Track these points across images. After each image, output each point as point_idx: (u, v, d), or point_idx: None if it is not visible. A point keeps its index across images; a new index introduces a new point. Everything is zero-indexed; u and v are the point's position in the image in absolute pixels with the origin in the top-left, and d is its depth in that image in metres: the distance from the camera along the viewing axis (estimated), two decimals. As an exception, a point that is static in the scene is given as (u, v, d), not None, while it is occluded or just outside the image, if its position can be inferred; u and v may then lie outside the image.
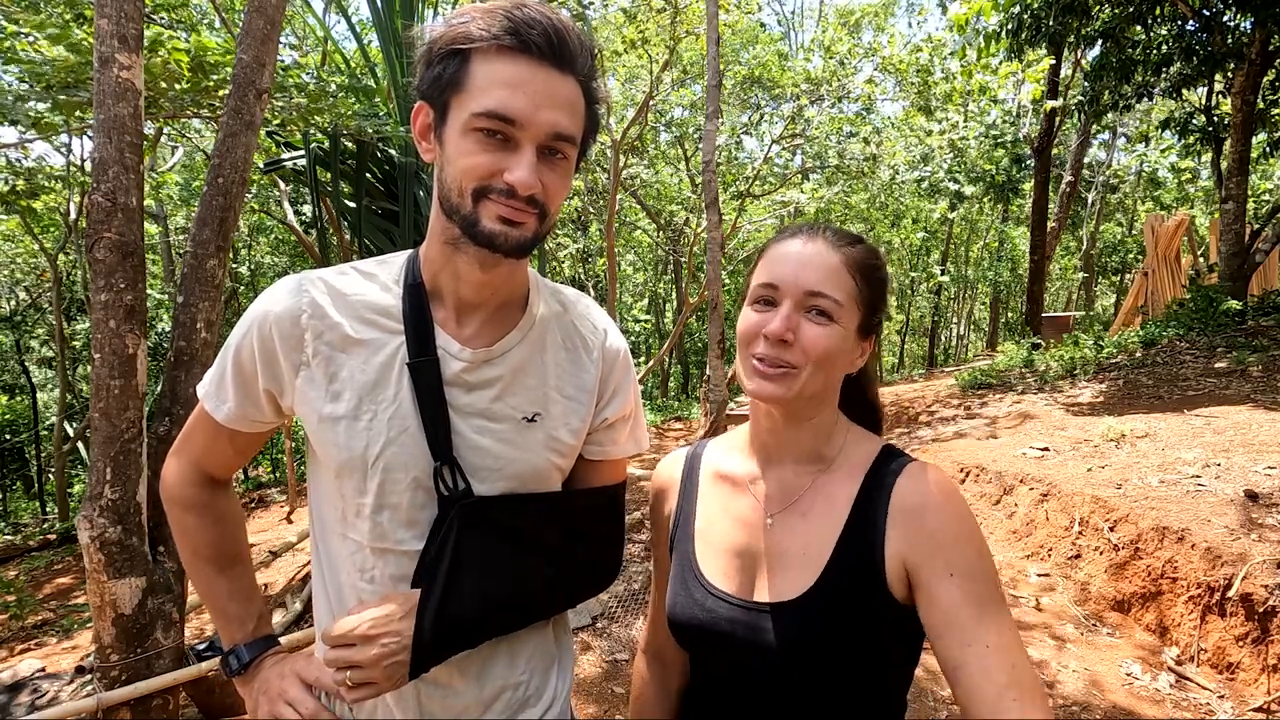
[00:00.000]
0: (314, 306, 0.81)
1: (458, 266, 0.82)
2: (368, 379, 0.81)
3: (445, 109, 0.76)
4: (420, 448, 0.81)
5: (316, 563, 0.90)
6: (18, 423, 14.02)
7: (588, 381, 0.92)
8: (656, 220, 15.06)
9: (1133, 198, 21.75)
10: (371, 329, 0.82)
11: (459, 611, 0.80)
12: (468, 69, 0.73)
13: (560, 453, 0.89)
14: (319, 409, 0.81)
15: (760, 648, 0.78)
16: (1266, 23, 6.41)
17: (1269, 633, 2.48)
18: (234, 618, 0.93)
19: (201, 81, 3.28)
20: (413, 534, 0.82)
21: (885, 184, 13.09)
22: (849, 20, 14.96)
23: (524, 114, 0.72)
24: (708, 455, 0.97)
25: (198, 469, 0.93)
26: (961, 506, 0.75)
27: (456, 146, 0.75)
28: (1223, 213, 7.40)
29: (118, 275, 1.95)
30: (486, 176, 0.74)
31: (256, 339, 0.82)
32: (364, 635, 0.76)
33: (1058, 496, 3.82)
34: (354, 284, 0.84)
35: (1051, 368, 7.71)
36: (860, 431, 0.88)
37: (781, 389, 0.79)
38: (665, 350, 14.54)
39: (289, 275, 0.86)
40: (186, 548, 0.95)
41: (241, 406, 0.86)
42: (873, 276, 0.82)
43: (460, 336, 0.84)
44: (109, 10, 1.92)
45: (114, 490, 1.95)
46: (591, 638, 3.23)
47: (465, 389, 0.83)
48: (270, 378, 0.83)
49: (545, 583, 0.88)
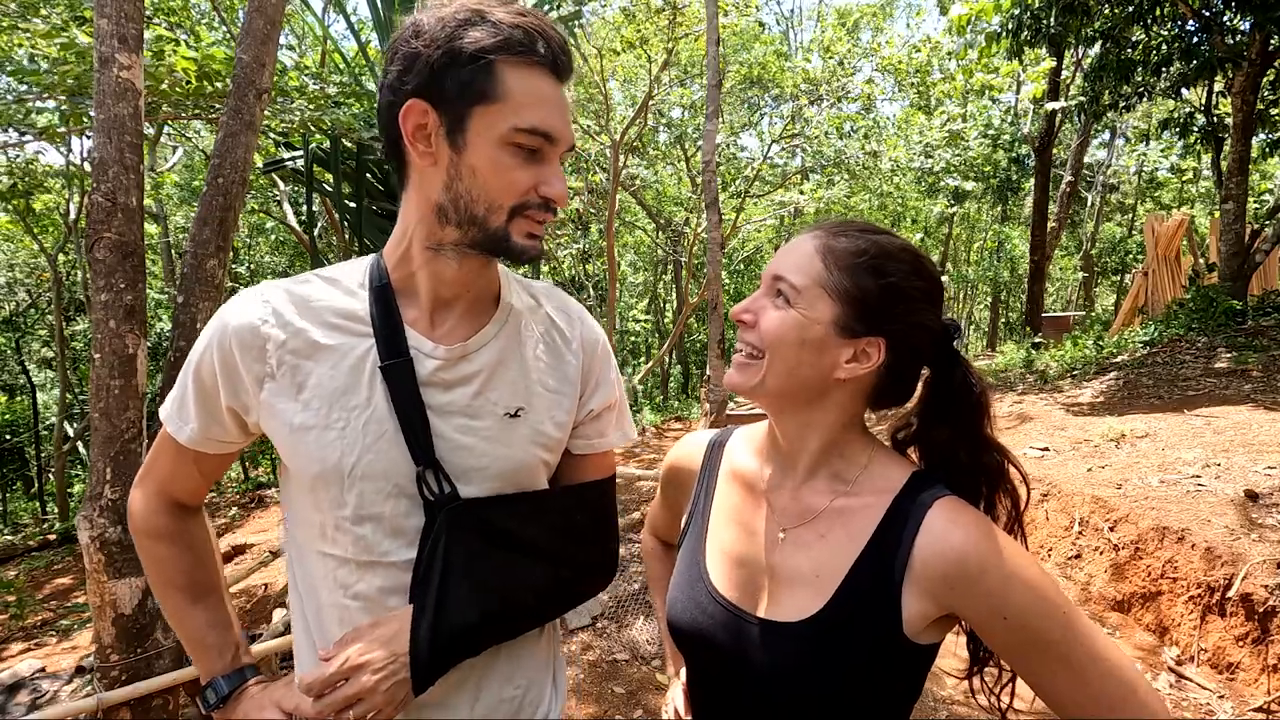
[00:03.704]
0: (275, 314, 0.78)
1: (436, 267, 0.81)
2: (337, 385, 0.78)
3: (464, 117, 0.73)
4: (400, 453, 0.78)
5: (294, 588, 0.87)
6: (18, 423, 14.01)
7: (570, 372, 0.90)
8: (656, 220, 15.05)
9: (1133, 198, 21.76)
10: (338, 334, 0.79)
11: (456, 621, 0.78)
12: (497, 79, 0.72)
13: (546, 447, 0.87)
14: (289, 420, 0.77)
15: (754, 662, 0.76)
16: (1265, 24, 6.41)
17: (1269, 633, 2.49)
18: (211, 648, 0.89)
19: (205, 87, 3.29)
20: (400, 544, 0.79)
21: (886, 175, 13.03)
22: (848, 21, 14.97)
23: (559, 131, 0.75)
24: (730, 448, 0.93)
25: (165, 496, 0.89)
26: (1001, 546, 0.69)
27: (490, 159, 0.74)
28: (1223, 213, 7.40)
29: (118, 275, 1.95)
30: (525, 192, 0.75)
31: (216, 353, 0.78)
32: (354, 666, 0.73)
33: (1058, 496, 3.83)
34: (317, 290, 0.82)
35: (1051, 368, 7.72)
36: (890, 454, 0.81)
37: (741, 377, 0.78)
38: (665, 350, 14.54)
39: (249, 288, 0.84)
40: (158, 578, 0.90)
41: (205, 427, 0.82)
42: (862, 269, 0.74)
43: (433, 335, 0.82)
44: (109, 10, 1.92)
45: (114, 490, 1.95)
46: (591, 638, 3.23)
47: (443, 388, 0.81)
48: (232, 394, 0.79)
49: (541, 585, 0.86)
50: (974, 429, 0.77)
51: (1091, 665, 0.65)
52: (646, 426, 9.76)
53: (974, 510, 0.73)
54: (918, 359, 0.78)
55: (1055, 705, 0.67)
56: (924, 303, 0.75)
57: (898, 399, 0.81)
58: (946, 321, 0.78)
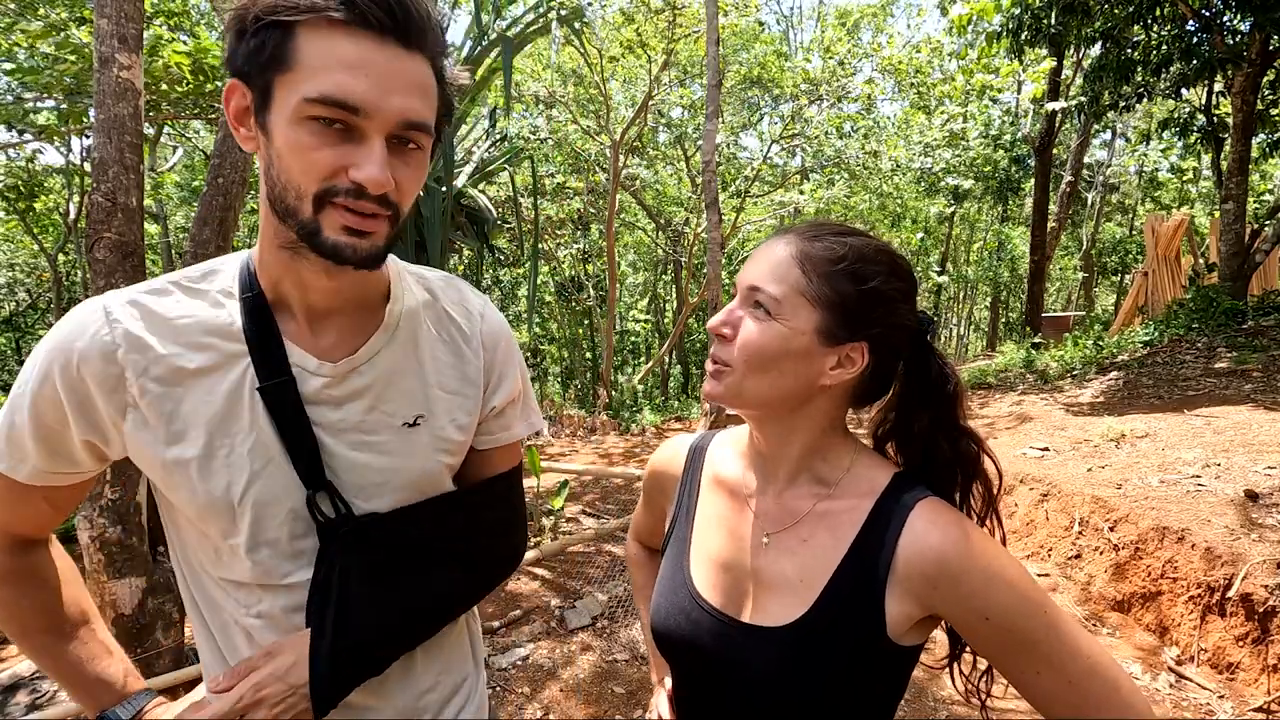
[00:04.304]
0: (128, 339, 0.68)
1: (301, 274, 0.71)
2: (214, 411, 0.70)
3: (268, 91, 0.63)
4: (289, 477, 0.72)
5: (191, 606, 0.81)
6: (18, 423, 14.00)
7: (470, 372, 0.84)
8: (656, 220, 15.05)
9: (1133, 198, 21.77)
10: (208, 354, 0.71)
11: (355, 643, 0.75)
12: (294, 44, 0.61)
13: (450, 452, 0.83)
14: (160, 455, 0.70)
15: (739, 668, 0.76)
16: (1265, 24, 6.42)
17: (1269, 633, 2.49)
18: (94, 684, 0.81)
19: (204, 85, 3.29)
20: (298, 565, 0.75)
21: (886, 175, 13.03)
22: (848, 21, 14.98)
23: (369, 100, 0.61)
24: (711, 453, 0.93)
25: (6, 538, 0.78)
26: (982, 546, 0.69)
27: (287, 138, 0.62)
28: (1223, 213, 7.40)
29: (118, 275, 1.95)
30: (330, 176, 0.63)
31: (62, 384, 0.68)
32: (250, 704, 0.71)
33: (1058, 496, 3.83)
34: (177, 304, 0.72)
35: (1051, 368, 7.72)
36: (872, 457, 0.81)
37: (715, 387, 0.77)
38: (665, 350, 14.55)
39: (86, 301, 0.72)
40: (13, 625, 0.80)
41: (49, 462, 0.72)
42: (841, 275, 0.72)
43: (317, 349, 0.74)
44: (109, 10, 1.92)
45: (114, 490, 1.95)
46: (591, 638, 3.23)
47: (333, 405, 0.74)
48: (88, 426, 0.70)
49: (448, 589, 0.83)
50: (951, 417, 0.77)
51: (1074, 664, 0.65)
52: (646, 426, 9.77)
53: (956, 511, 0.74)
54: (897, 357, 0.78)
55: (1039, 705, 0.68)
56: (902, 302, 0.75)
57: (876, 396, 0.81)
58: (921, 316, 0.78)
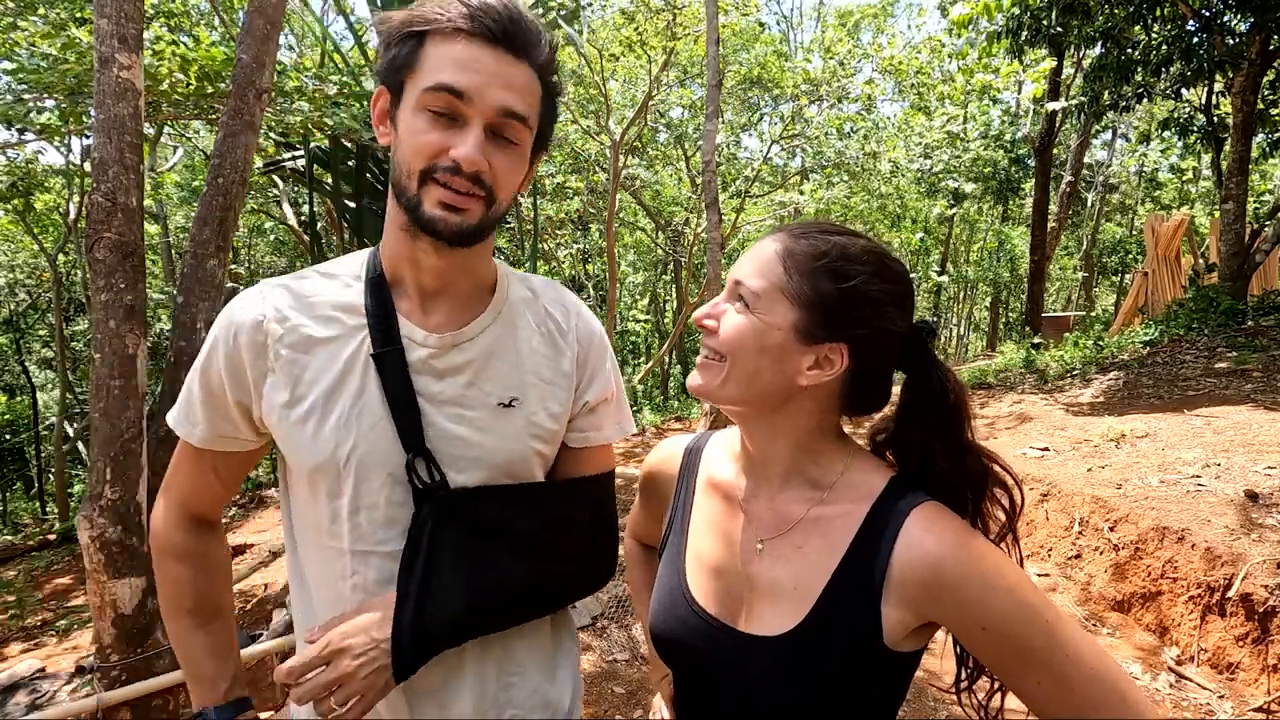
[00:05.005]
0: (275, 311, 0.80)
1: (415, 254, 0.81)
2: (332, 377, 0.79)
3: (400, 91, 0.76)
4: (391, 441, 0.78)
5: (294, 580, 0.87)
6: (18, 423, 14.01)
7: (565, 365, 0.90)
8: (656, 220, 15.05)
9: (1133, 198, 21.76)
10: (334, 326, 0.81)
11: (439, 610, 0.77)
12: (423, 50, 0.74)
13: (542, 438, 0.86)
14: (286, 414, 0.79)
15: (735, 675, 0.75)
16: (1265, 24, 6.41)
17: (1269, 633, 2.49)
18: (207, 678, 0.88)
19: (205, 88, 3.29)
20: (394, 533, 0.80)
21: (885, 176, 13.03)
22: (848, 22, 14.98)
23: (472, 89, 0.72)
24: (707, 455, 0.92)
25: (185, 510, 0.90)
26: (980, 552, 0.67)
27: (406, 125, 0.74)
28: (1223, 213, 7.40)
29: (118, 275, 1.95)
30: (433, 155, 0.73)
31: (223, 352, 0.80)
32: (336, 650, 0.73)
33: (1058, 496, 3.83)
34: (314, 285, 0.83)
35: (1051, 368, 7.71)
36: (868, 460, 0.79)
37: (701, 379, 0.78)
38: (665, 350, 14.54)
39: (250, 287, 0.86)
40: (171, 600, 0.90)
41: (214, 425, 0.83)
42: (821, 272, 0.71)
43: (426, 324, 0.82)
44: (109, 10, 1.92)
45: (114, 490, 1.95)
46: (591, 638, 3.23)
47: (435, 376, 0.81)
48: (238, 387, 0.81)
49: (529, 578, 0.85)
50: (952, 433, 0.75)
51: (1076, 672, 0.63)
52: (646, 426, 9.76)
53: (953, 516, 0.71)
54: (886, 363, 0.76)
55: (1041, 713, 0.66)
56: (889, 305, 0.73)
57: (872, 404, 0.78)
58: (917, 323, 0.75)
